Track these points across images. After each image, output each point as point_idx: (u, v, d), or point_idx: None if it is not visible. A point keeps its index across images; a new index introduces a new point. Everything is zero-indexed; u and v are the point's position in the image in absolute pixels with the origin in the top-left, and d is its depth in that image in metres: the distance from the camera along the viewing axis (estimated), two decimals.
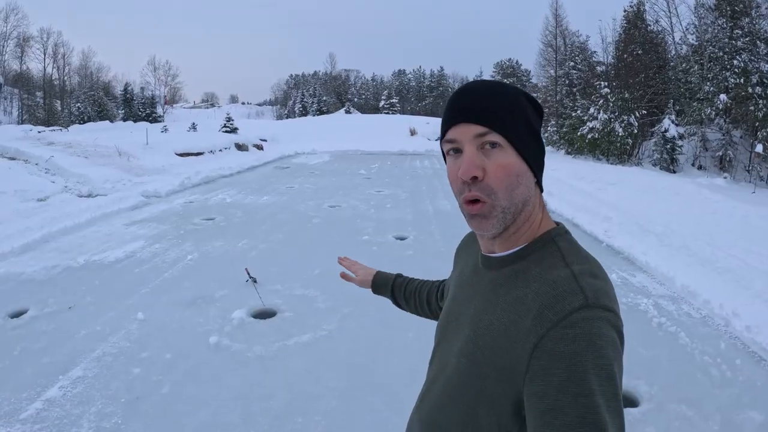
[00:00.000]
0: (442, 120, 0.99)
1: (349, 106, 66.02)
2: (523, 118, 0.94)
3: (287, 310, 5.15)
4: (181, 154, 18.59)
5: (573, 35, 32.90)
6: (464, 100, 0.95)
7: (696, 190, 12.23)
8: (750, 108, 17.00)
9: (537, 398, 0.78)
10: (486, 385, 0.90)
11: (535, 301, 0.86)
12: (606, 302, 0.83)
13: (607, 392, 0.75)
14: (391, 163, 21.02)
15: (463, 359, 0.96)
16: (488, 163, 0.91)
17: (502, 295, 0.94)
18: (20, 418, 3.31)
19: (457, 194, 0.96)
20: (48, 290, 5.60)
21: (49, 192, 11.35)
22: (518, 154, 0.92)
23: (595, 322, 0.79)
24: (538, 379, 0.79)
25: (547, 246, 0.96)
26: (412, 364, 4.01)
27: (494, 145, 0.91)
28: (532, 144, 0.95)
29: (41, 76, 61.31)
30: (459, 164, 0.93)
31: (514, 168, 0.92)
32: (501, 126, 0.91)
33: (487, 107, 0.92)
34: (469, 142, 0.92)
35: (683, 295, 5.71)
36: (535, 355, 0.81)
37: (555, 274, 0.89)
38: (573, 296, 0.83)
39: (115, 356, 4.15)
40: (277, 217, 9.66)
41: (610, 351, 0.78)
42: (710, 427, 3.33)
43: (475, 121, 0.91)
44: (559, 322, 0.80)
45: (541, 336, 0.81)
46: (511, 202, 0.92)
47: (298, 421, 3.34)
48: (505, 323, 0.90)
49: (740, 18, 19.32)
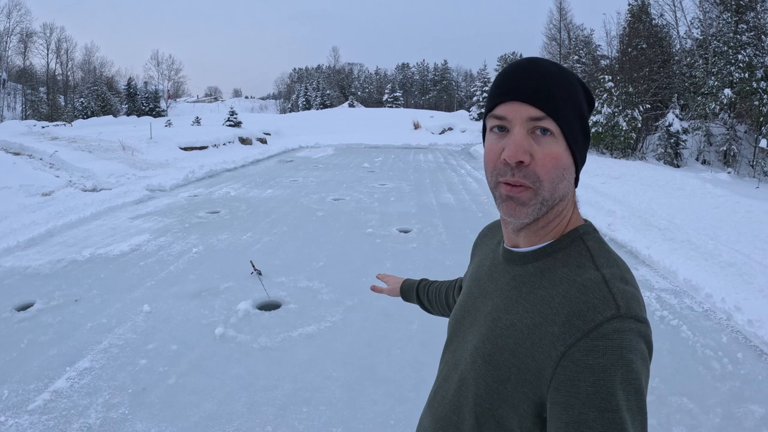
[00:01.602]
0: (490, 92, 0.92)
1: (353, 100, 65.93)
2: (577, 108, 0.89)
3: (292, 302, 5.18)
4: (185, 148, 18.62)
5: (577, 29, 32.87)
6: (522, 76, 0.88)
7: (700, 184, 12.20)
8: (755, 103, 16.93)
9: (561, 408, 0.77)
10: (506, 388, 0.87)
11: (564, 306, 0.82)
12: (638, 312, 0.80)
13: (633, 407, 0.74)
14: (395, 157, 21.02)
15: (479, 359, 0.92)
16: (537, 150, 0.85)
17: (525, 294, 0.90)
18: (28, 409, 3.35)
19: (492, 174, 0.90)
20: (54, 283, 5.64)
21: (54, 186, 11.38)
22: (567, 146, 0.88)
23: (626, 335, 0.76)
24: (563, 389, 0.77)
25: (575, 244, 0.91)
26: (416, 355, 4.07)
27: (546, 132, 0.86)
28: (580, 137, 0.90)
29: (44, 71, 61.40)
30: (503, 144, 0.87)
31: (562, 160, 0.87)
32: (557, 113, 0.86)
33: (548, 90, 0.86)
34: (520, 123, 0.86)
35: (685, 288, 5.73)
36: (561, 365, 0.78)
37: (585, 276, 0.84)
38: (604, 305, 0.79)
39: (122, 348, 4.19)
40: (281, 210, 9.69)
41: (639, 365, 0.76)
42: (711, 420, 3.35)
43: (532, 102, 0.86)
44: (589, 332, 0.77)
45: (570, 345, 0.78)
46: (552, 195, 0.87)
47: (303, 411, 3.38)
48: (528, 325, 0.86)
49: (745, 12, 19.21)
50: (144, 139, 18.37)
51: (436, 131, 33.45)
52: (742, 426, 3.31)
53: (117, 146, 16.69)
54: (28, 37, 58.52)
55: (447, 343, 1.10)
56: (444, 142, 30.16)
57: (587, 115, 0.92)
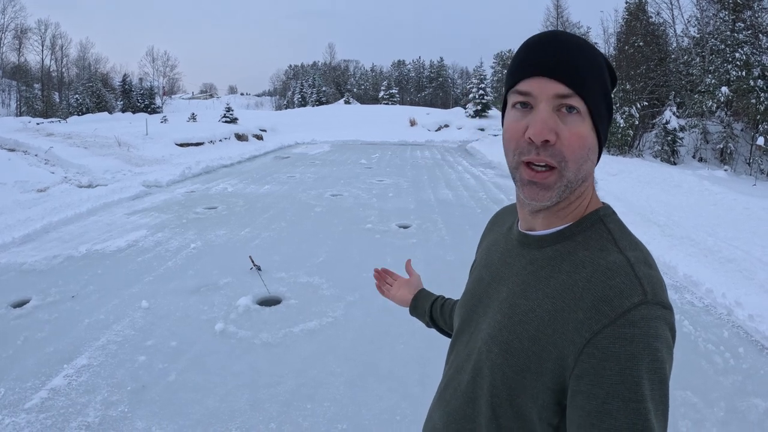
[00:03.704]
0: (512, 67, 0.87)
1: (349, 97, 65.80)
2: (603, 85, 0.85)
3: (292, 297, 5.14)
4: (181, 144, 18.55)
5: (574, 26, 32.84)
6: (548, 50, 0.83)
7: (697, 182, 12.21)
8: (751, 101, 16.95)
9: (584, 397, 0.74)
10: (525, 377, 0.83)
11: (588, 291, 0.79)
12: (664, 298, 0.78)
13: (656, 397, 0.73)
14: (392, 154, 20.99)
15: (495, 348, 0.88)
16: (563, 129, 0.81)
17: (543, 279, 0.86)
18: (25, 407, 3.30)
19: (515, 152, 0.85)
20: (50, 280, 5.59)
21: (49, 183, 11.31)
22: (593, 126, 0.84)
23: (653, 322, 0.74)
24: (587, 377, 0.74)
25: (595, 226, 0.87)
26: (419, 350, 4.03)
27: (572, 110, 0.81)
28: (605, 116, 0.86)
29: (39, 67, 61.13)
30: (527, 122, 0.83)
31: (588, 140, 0.83)
32: (585, 90, 0.81)
33: (575, 66, 0.81)
34: (546, 100, 0.81)
35: (686, 284, 5.72)
36: (586, 352, 0.75)
37: (609, 260, 0.81)
38: (632, 290, 0.76)
39: (120, 344, 4.15)
40: (278, 206, 9.64)
41: (665, 353, 0.74)
42: (716, 414, 3.35)
43: (560, 79, 0.81)
44: (617, 319, 0.74)
45: (596, 332, 0.75)
46: (577, 176, 0.83)
47: (307, 407, 3.34)
48: (549, 311, 0.82)
49: (742, 11, 19.24)
50: (140, 135, 18.29)
51: (432, 128, 33.42)
52: (747, 419, 3.31)
53: (113, 142, 16.59)
54: (23, 34, 58.29)
55: (457, 333, 1.04)
56: (440, 139, 30.13)
57: (611, 93, 0.88)
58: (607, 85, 0.86)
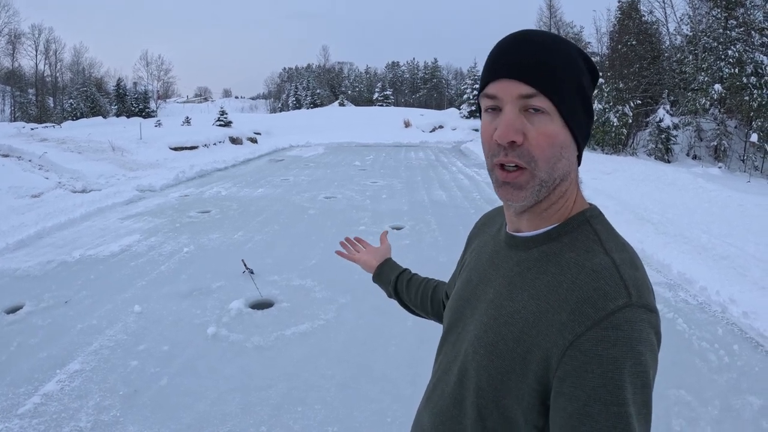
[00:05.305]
0: (483, 70, 0.87)
1: (343, 99, 65.80)
2: (575, 83, 0.83)
3: (285, 300, 5.13)
4: (175, 148, 18.51)
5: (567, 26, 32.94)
6: (512, 52, 0.83)
7: (691, 179, 12.25)
8: (744, 98, 17.03)
9: (565, 399, 0.74)
10: (510, 378, 0.83)
11: (572, 292, 0.78)
12: (649, 300, 0.77)
13: (638, 401, 0.72)
14: (386, 155, 20.97)
15: (481, 349, 0.88)
16: (530, 129, 0.81)
17: (529, 280, 0.86)
18: (18, 413, 3.28)
19: (488, 155, 0.86)
20: (43, 285, 5.56)
21: (43, 188, 11.27)
22: (564, 124, 0.82)
23: (638, 325, 0.73)
24: (570, 379, 0.74)
25: (582, 227, 0.87)
26: (411, 352, 4.03)
27: (538, 110, 0.81)
28: (580, 113, 0.85)
29: (33, 72, 60.89)
30: (496, 124, 0.83)
31: (558, 138, 0.82)
32: (550, 90, 0.80)
33: (538, 65, 0.80)
34: (511, 101, 0.81)
35: (680, 282, 5.73)
36: (569, 354, 0.74)
37: (594, 261, 0.80)
38: (616, 292, 0.75)
39: (113, 349, 4.13)
40: (272, 208, 9.62)
41: (649, 357, 0.73)
42: (710, 412, 3.34)
43: (522, 79, 0.80)
44: (600, 321, 0.73)
45: (579, 335, 0.74)
46: (551, 175, 0.83)
47: (298, 410, 3.33)
48: (534, 312, 0.82)
49: (735, 8, 19.33)
50: (134, 140, 18.25)
51: (426, 129, 33.41)
52: (741, 417, 3.30)
53: (107, 147, 16.55)
54: (17, 38, 58.07)
55: (445, 334, 1.04)
56: (435, 140, 30.13)
57: (589, 88, 0.86)
58: (582, 81, 0.84)
